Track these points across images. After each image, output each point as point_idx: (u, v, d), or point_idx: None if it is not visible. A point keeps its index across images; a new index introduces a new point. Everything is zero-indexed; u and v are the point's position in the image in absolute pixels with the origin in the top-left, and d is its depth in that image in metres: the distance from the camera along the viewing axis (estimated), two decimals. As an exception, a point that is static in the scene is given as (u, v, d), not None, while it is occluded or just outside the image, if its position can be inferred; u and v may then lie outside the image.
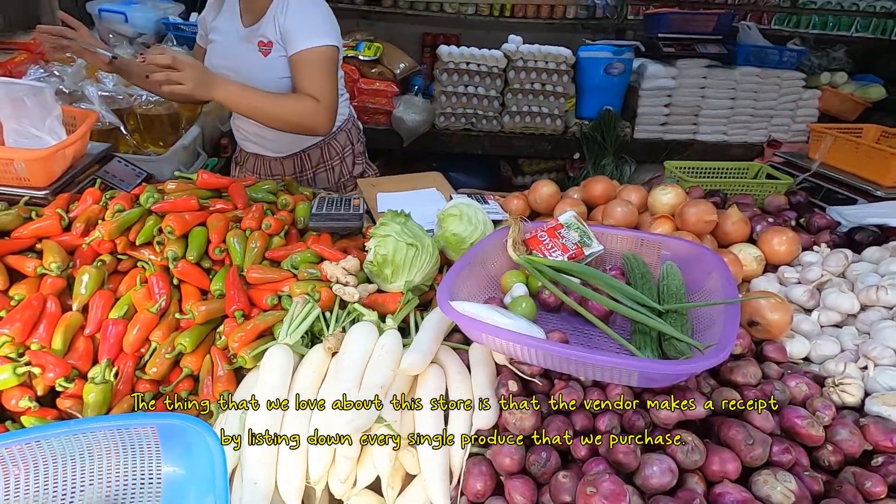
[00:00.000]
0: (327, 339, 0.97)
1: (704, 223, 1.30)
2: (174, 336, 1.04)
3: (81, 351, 1.01)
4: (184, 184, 1.33)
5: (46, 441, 0.78)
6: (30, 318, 1.00)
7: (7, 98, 1.30)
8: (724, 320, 0.83)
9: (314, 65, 1.59)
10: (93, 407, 0.93)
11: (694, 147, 3.26)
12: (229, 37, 1.69)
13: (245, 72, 1.63)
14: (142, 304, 1.08)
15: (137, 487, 0.81)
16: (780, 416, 0.84)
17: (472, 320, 0.84)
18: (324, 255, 1.19)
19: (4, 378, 0.92)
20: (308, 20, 1.60)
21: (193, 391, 1.02)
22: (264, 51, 1.63)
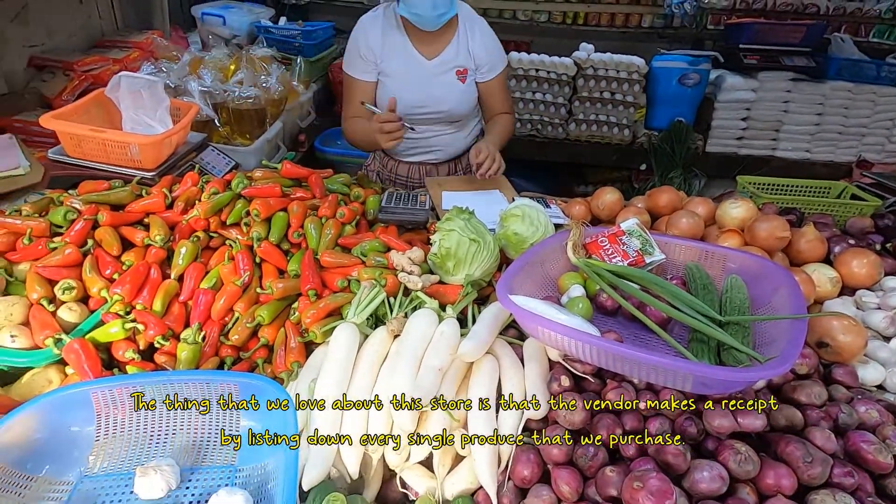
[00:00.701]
0: (390, 322, 1.04)
1: (776, 239, 1.26)
2: (254, 308, 1.15)
3: (176, 314, 1.14)
4: (269, 172, 1.46)
5: (146, 387, 0.90)
6: (136, 281, 1.14)
7: (128, 90, 1.49)
8: (790, 335, 0.81)
9: (504, 85, 1.95)
10: (184, 363, 1.05)
11: (771, 164, 3.10)
12: (417, 70, 1.80)
13: (444, 100, 1.84)
14: (228, 278, 1.20)
15: (219, 437, 0.91)
16: (844, 439, 0.81)
17: (528, 313, 0.88)
18: (391, 245, 1.27)
19: (114, 331, 1.06)
20: (496, 46, 1.87)
21: (268, 359, 1.12)
22: (462, 78, 1.84)
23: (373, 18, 1.81)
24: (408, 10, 1.67)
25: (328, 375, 0.94)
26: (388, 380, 0.94)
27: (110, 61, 2.30)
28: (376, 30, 1.78)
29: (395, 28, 1.79)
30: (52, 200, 1.32)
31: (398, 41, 1.79)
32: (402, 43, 1.79)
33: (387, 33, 1.78)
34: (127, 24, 2.76)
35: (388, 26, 1.79)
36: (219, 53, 2.33)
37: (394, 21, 1.79)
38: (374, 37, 1.78)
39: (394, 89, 1.81)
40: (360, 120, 1.85)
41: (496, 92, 1.92)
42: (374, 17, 1.82)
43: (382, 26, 1.79)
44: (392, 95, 1.78)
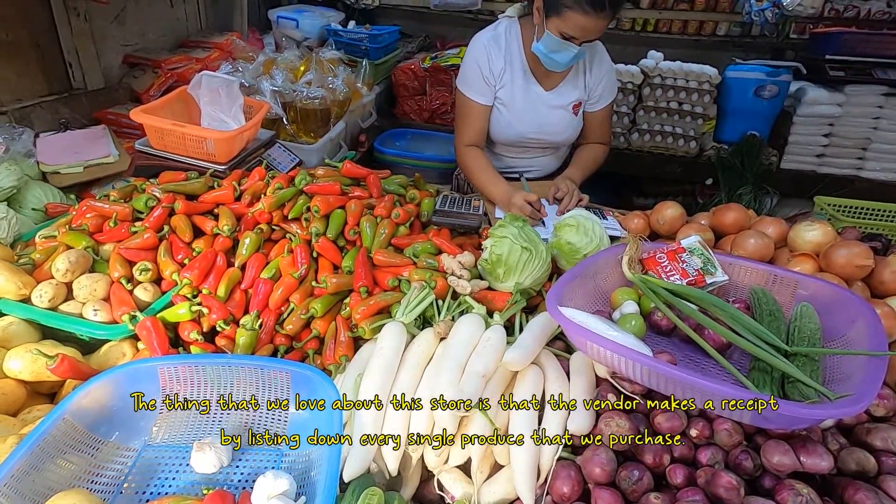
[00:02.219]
0: (438, 325, 1.05)
1: (856, 267, 1.16)
2: (308, 301, 1.20)
3: (237, 301, 1.21)
4: (330, 171, 1.52)
5: (206, 367, 0.95)
6: (204, 267, 1.22)
7: (207, 88, 1.59)
8: (866, 372, 0.75)
9: (608, 117, 1.93)
10: (242, 348, 1.11)
11: (855, 185, 2.87)
12: (534, 102, 1.80)
13: (554, 131, 1.86)
14: (286, 270, 1.26)
15: (268, 420, 0.96)
16: (924, 492, 0.74)
17: (578, 327, 0.86)
18: (442, 248, 1.28)
19: (182, 313, 1.14)
20: (611, 77, 1.86)
21: (318, 351, 1.16)
22: (575, 111, 1.85)
23: (494, 40, 1.74)
24: (545, 53, 1.60)
25: (374, 371, 0.96)
26: (431, 381, 0.95)
27: (193, 60, 2.47)
28: (499, 56, 1.73)
29: (518, 56, 1.74)
30: (135, 188, 1.44)
31: (519, 71, 1.75)
32: (522, 73, 1.75)
33: (509, 61, 1.74)
34: (210, 25, 2.96)
35: (510, 53, 1.74)
36: (290, 55, 2.44)
37: (516, 47, 1.74)
38: (497, 63, 1.74)
39: (509, 119, 1.81)
40: (480, 157, 1.80)
41: (599, 123, 1.90)
42: (495, 39, 1.74)
43: (505, 52, 1.73)
44: (506, 124, 1.82)
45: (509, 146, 1.91)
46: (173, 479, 0.86)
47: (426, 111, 3.17)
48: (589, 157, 1.89)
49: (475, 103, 1.78)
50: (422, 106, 3.17)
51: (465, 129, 1.82)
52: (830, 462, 0.75)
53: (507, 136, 1.85)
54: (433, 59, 3.10)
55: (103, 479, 0.84)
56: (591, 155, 1.90)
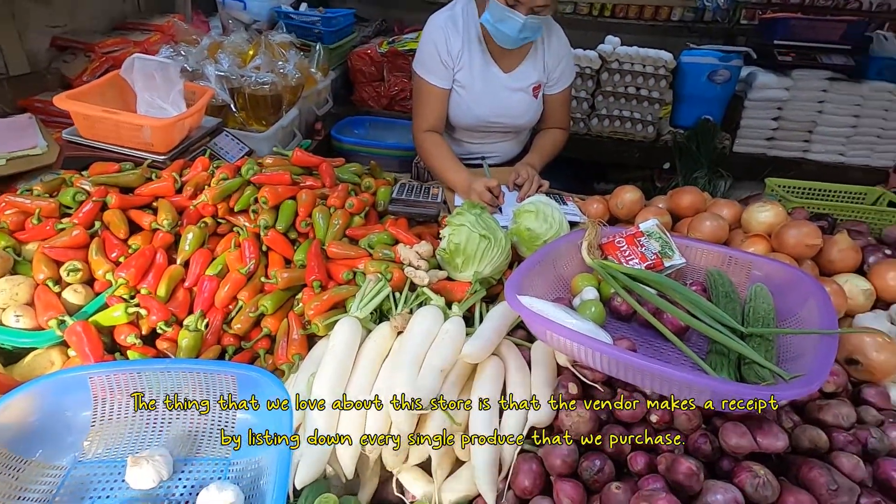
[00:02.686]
0: (394, 318, 1.01)
1: (806, 247, 1.19)
2: (258, 298, 1.13)
3: (180, 300, 1.13)
4: (280, 159, 1.44)
5: (145, 374, 0.88)
6: (142, 266, 1.13)
7: (140, 71, 1.47)
8: (818, 351, 0.76)
9: (567, 101, 1.90)
10: (185, 351, 1.04)
11: (803, 166, 2.98)
12: (493, 84, 1.73)
13: (515, 114, 1.80)
14: (234, 265, 1.18)
15: (215, 427, 0.90)
16: (874, 466, 0.75)
17: (537, 316, 0.84)
18: (399, 238, 1.24)
19: (117, 315, 1.05)
20: (569, 59, 1.82)
21: (269, 350, 1.10)
22: (536, 94, 1.79)
23: (451, 20, 1.69)
24: (492, 24, 1.56)
25: (327, 371, 0.91)
26: (388, 378, 0.91)
27: (131, 44, 2.30)
28: (457, 37, 1.67)
29: (475, 36, 1.69)
30: (64, 181, 1.32)
31: (477, 52, 1.70)
32: (480, 54, 1.70)
33: (467, 42, 1.68)
34: (149, 6, 2.76)
35: (467, 34, 1.68)
36: (238, 38, 2.31)
37: (473, 28, 1.68)
38: (455, 44, 1.67)
39: (468, 102, 1.75)
40: (439, 143, 1.74)
41: (558, 106, 1.87)
42: (452, 19, 1.69)
43: (462, 33, 1.67)
44: (465, 107, 1.76)
45: (470, 131, 1.87)
46: (107, 498, 0.79)
47: (385, 98, 3.09)
48: (548, 143, 1.87)
49: (433, 87, 1.72)
50: (380, 92, 3.08)
51: (423, 114, 1.76)
52: (785, 441, 0.75)
53: (467, 120, 1.80)
54: (390, 44, 3.01)
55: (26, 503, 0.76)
56: (550, 140, 1.88)
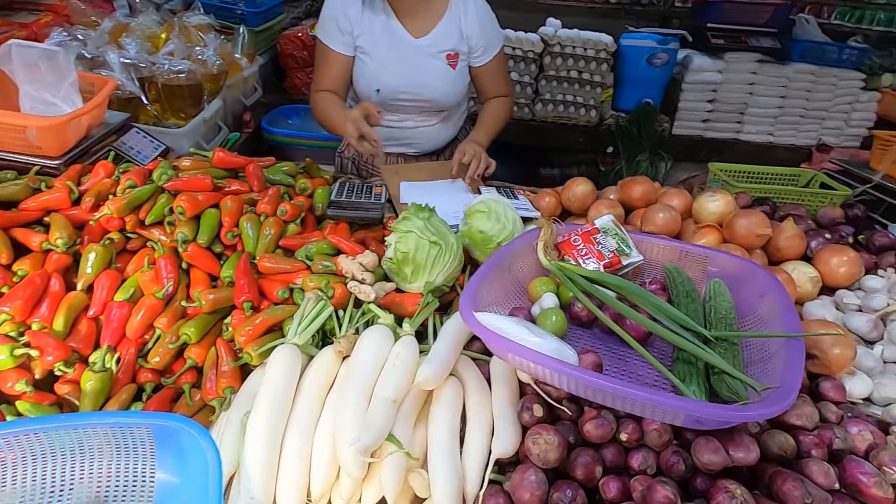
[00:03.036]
0: (338, 342, 0.90)
1: (756, 237, 1.18)
2: (180, 324, 0.99)
3: (84, 334, 0.96)
4: (199, 161, 1.27)
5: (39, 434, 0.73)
6: (32, 295, 0.95)
7: (21, 62, 1.25)
8: (786, 358, 0.73)
9: (503, 67, 1.76)
10: (90, 396, 0.88)
11: (736, 147, 3.08)
12: (401, 51, 1.57)
13: (431, 86, 1.62)
14: (148, 288, 1.03)
15: (129, 489, 0.76)
16: (840, 468, 0.74)
17: (498, 337, 0.76)
18: (340, 248, 1.12)
19: (2, 359, 0.88)
20: (492, 23, 1.67)
21: (196, 384, 0.96)
22: (453, 63, 1.61)
23: None
24: None
25: (263, 409, 0.80)
26: (333, 414, 0.81)
27: (16, 26, 1.99)
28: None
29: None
30: (-74, 196, 1.10)
31: (381, 14, 1.55)
32: (385, 16, 1.56)
33: (369, 4, 1.55)
34: (39, -17, 2.41)
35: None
36: (147, 20, 2.05)
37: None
38: (353, 7, 1.54)
39: (374, 70, 1.59)
40: (332, 98, 1.61)
41: (493, 75, 1.73)
42: None
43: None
44: (370, 76, 1.59)
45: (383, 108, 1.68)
46: None
47: (320, 84, 2.89)
48: (491, 114, 1.74)
49: (330, 51, 1.59)
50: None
51: (320, 77, 1.63)
52: (757, 452, 0.72)
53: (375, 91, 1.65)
54: (323, 26, 2.81)
55: None
56: (492, 111, 1.75)
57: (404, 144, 1.78)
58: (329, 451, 0.77)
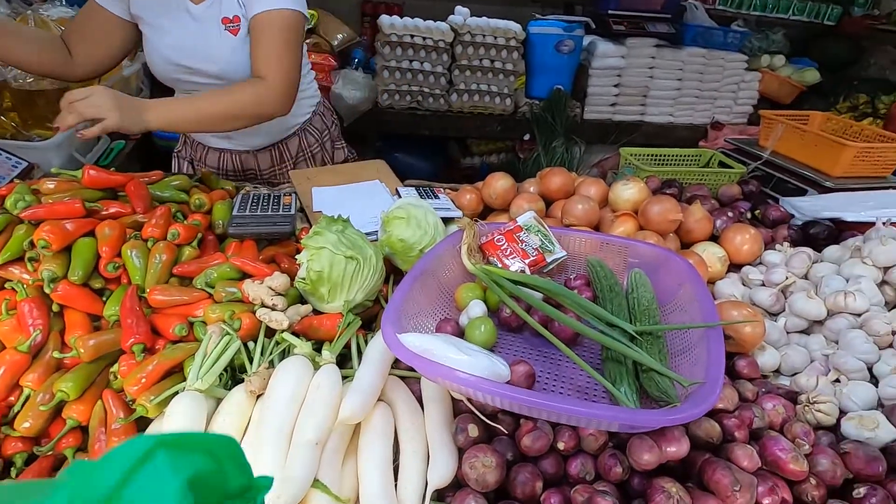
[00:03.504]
0: (249, 381, 0.80)
1: (669, 222, 1.22)
2: (53, 379, 0.84)
3: (-76, 406, 0.79)
4: (66, 182, 1.09)
5: None
6: None
7: None
8: (708, 349, 0.74)
9: (272, 31, 1.31)
10: (-63, 484, 0.72)
11: (642, 128, 3.24)
12: (179, 18, 1.34)
13: (212, 58, 1.37)
14: (10, 339, 0.87)
15: None
16: (761, 447, 0.77)
17: (425, 361, 0.71)
18: (246, 271, 1.01)
19: None
20: None
21: (82, 447, 0.82)
22: (232, 28, 1.35)
23: None
24: None
25: (163, 473, 0.69)
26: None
27: None
28: None
29: None
30: None
31: None
32: None
33: None
34: None
35: None
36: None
37: None
38: None
39: (156, 43, 1.38)
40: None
41: (255, 37, 1.32)
42: None
43: None
44: (154, 50, 1.38)
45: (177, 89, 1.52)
46: None
47: (218, 82, 2.65)
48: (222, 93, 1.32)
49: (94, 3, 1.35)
50: (211, 75, 2.64)
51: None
52: (688, 443, 0.73)
53: (165, 69, 1.42)
54: (215, 18, 2.56)
55: None
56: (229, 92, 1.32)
57: (225, 138, 1.58)
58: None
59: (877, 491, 0.74)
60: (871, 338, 0.95)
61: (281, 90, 1.34)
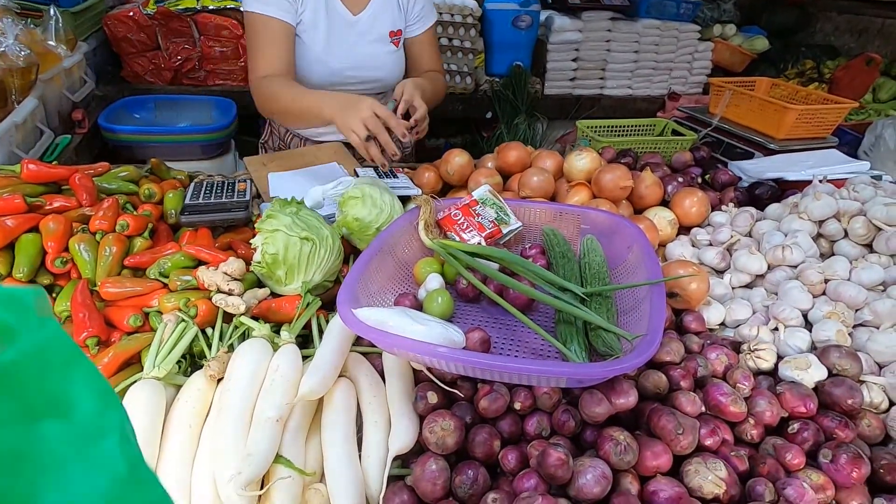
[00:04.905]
0: (208, 365, 0.80)
1: (620, 189, 1.26)
2: (6, 379, 0.82)
3: None
4: (5, 178, 1.05)
5: None
6: None
7: None
8: (651, 304, 0.78)
9: (435, 41, 1.67)
10: None
11: (602, 102, 3.28)
12: (341, 28, 1.41)
13: (378, 66, 1.48)
14: (-45, 342, 0.84)
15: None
16: (704, 393, 0.82)
17: (380, 332, 0.72)
18: (200, 258, 1.00)
19: None
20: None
21: (41, 444, 0.81)
22: (396, 41, 1.48)
23: None
24: None
25: (124, 461, 0.69)
26: (211, 446, 0.73)
27: None
28: None
29: None
30: None
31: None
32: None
33: None
34: None
35: None
36: None
37: None
38: None
39: (314, 49, 1.42)
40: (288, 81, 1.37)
41: (427, 48, 1.64)
42: None
43: None
44: (314, 58, 1.42)
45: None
46: None
47: (167, 71, 2.57)
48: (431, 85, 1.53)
49: (273, 20, 1.36)
50: (159, 64, 2.55)
51: (264, 58, 1.38)
52: (636, 395, 0.77)
53: (320, 75, 1.48)
54: (159, 3, 2.47)
55: None
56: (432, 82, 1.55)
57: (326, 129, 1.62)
58: (211, 490, 0.69)
59: (808, 425, 0.79)
60: (806, 287, 1.01)
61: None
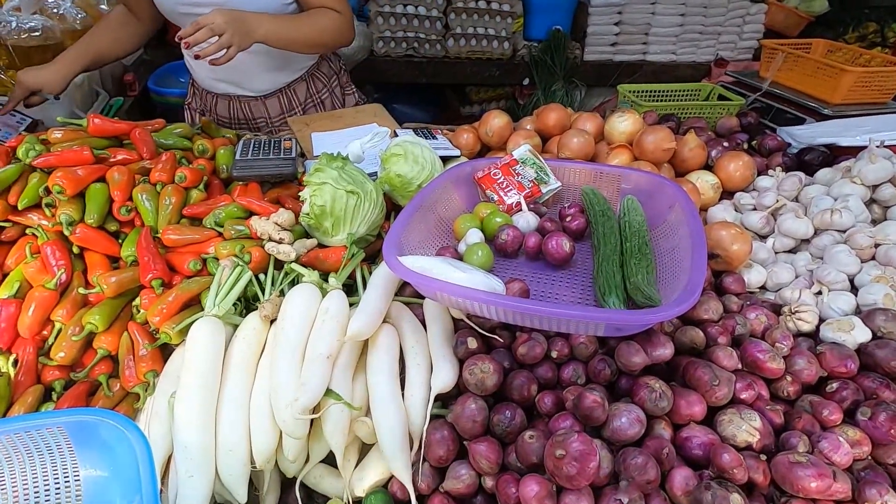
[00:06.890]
0: (262, 306, 0.86)
1: (662, 151, 1.24)
2: (82, 313, 0.90)
3: (-34, 341, 0.86)
4: (73, 132, 1.12)
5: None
6: None
7: None
8: (692, 260, 0.78)
9: None
10: (-11, 405, 0.80)
11: (643, 68, 3.17)
12: None
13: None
14: (36, 280, 0.92)
15: (53, 492, 0.71)
16: (741, 350, 0.82)
17: (424, 278, 0.75)
18: (252, 209, 1.05)
19: None
20: None
21: (114, 373, 0.90)
22: None
23: None
24: None
25: (189, 388, 0.76)
26: (268, 379, 0.78)
27: None
28: None
29: None
30: None
31: None
32: None
33: None
34: None
35: None
36: None
37: None
38: None
39: None
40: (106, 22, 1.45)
41: None
42: None
43: None
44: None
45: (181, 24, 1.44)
46: None
47: (210, 35, 2.61)
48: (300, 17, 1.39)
49: None
50: (203, 29, 2.59)
51: None
52: (672, 348, 0.79)
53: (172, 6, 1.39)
54: (202, -33, 2.49)
55: None
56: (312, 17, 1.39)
57: (233, 84, 1.57)
58: (268, 416, 0.75)
59: (848, 385, 0.79)
60: (854, 251, 0.99)
61: (350, 21, 1.46)
